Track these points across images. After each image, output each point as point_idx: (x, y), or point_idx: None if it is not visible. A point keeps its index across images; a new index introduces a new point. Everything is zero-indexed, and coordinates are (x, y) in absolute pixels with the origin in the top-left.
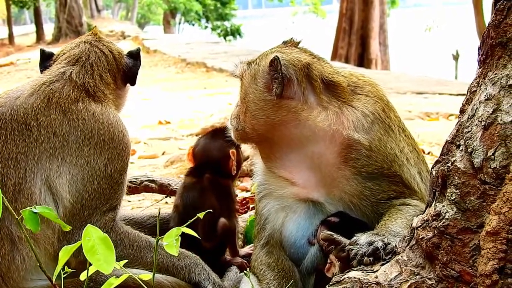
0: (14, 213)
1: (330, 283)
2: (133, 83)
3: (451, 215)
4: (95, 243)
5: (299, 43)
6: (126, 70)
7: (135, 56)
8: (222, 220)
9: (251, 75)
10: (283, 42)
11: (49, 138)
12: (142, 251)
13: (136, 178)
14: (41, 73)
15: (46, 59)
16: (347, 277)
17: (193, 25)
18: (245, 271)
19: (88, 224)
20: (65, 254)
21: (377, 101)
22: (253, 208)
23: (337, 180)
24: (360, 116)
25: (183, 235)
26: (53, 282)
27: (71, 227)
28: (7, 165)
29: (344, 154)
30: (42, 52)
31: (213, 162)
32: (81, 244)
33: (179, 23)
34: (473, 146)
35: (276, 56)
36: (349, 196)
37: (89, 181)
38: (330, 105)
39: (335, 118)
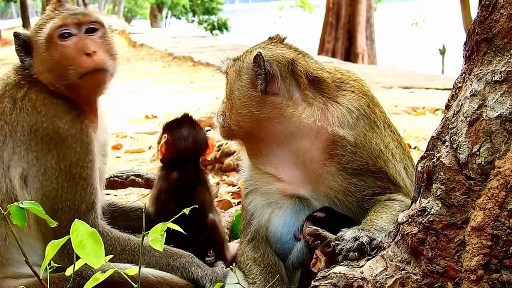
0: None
1: (316, 278)
2: None
3: (436, 210)
4: (84, 238)
5: (284, 39)
6: None
7: None
8: (211, 216)
9: (235, 71)
10: (269, 38)
11: (1, 126)
12: (136, 254)
13: (123, 173)
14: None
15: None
16: (333, 272)
17: (180, 19)
18: (231, 266)
19: (76, 219)
20: (52, 249)
21: (362, 96)
22: (239, 203)
23: (322, 176)
24: (345, 112)
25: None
26: (40, 277)
27: (57, 224)
28: None
29: (329, 150)
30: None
31: (200, 152)
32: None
33: (166, 17)
34: (459, 142)
35: (259, 52)
36: (334, 192)
37: (45, 180)
38: (315, 101)
39: (320, 114)
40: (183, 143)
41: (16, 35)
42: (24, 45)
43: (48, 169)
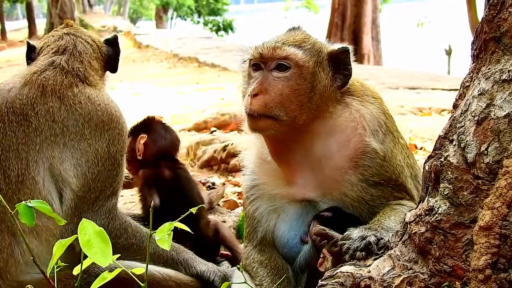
0: (9, 207)
1: (323, 278)
2: (114, 70)
3: (444, 210)
4: (91, 237)
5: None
6: (107, 58)
7: (112, 43)
8: (213, 219)
9: (317, 62)
10: (293, 28)
11: (48, 126)
12: (145, 242)
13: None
14: (27, 65)
15: (30, 51)
16: (340, 272)
17: (185, 20)
18: (238, 265)
19: (83, 219)
20: (59, 248)
21: (383, 106)
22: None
23: (340, 184)
24: (376, 124)
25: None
26: (47, 276)
27: (65, 221)
28: (8, 157)
29: (357, 160)
30: (28, 44)
31: (177, 149)
32: None
33: (172, 18)
34: (466, 141)
35: (347, 47)
36: (350, 199)
37: (94, 163)
38: (353, 102)
39: (358, 118)
40: (164, 142)
41: None
42: None
43: (99, 153)
